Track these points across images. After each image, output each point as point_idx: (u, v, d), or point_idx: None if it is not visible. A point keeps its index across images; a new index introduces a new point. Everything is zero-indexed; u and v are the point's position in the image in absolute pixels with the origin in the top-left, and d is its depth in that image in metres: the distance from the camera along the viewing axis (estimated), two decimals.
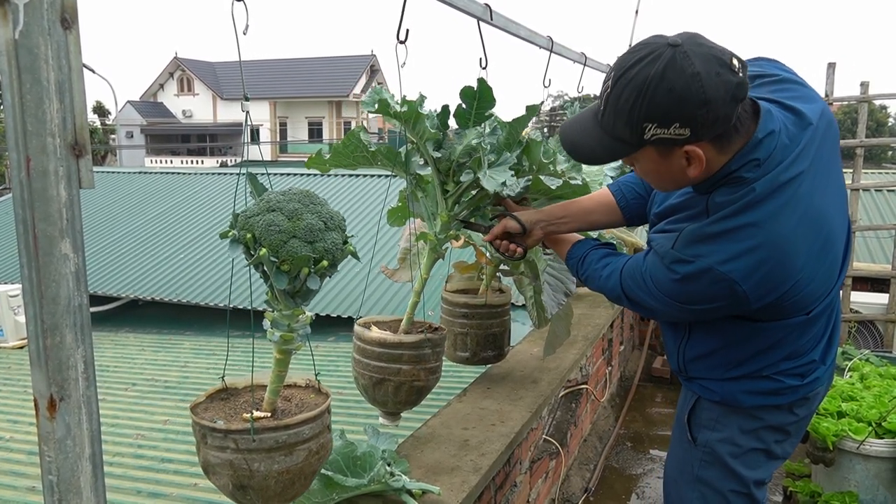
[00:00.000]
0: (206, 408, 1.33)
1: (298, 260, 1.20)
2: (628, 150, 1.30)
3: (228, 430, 1.22)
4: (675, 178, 1.33)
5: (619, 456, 3.73)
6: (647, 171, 1.38)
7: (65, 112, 0.78)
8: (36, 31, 0.74)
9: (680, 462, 1.64)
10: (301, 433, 1.25)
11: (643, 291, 1.45)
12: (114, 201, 8.31)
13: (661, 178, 1.37)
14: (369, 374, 1.80)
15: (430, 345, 1.80)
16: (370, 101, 1.67)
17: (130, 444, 2.78)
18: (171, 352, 4.74)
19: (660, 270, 1.39)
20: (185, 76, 39.12)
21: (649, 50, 1.20)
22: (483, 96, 1.71)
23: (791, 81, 1.44)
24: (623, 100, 1.22)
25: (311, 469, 1.30)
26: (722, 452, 1.54)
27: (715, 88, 1.17)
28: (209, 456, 1.24)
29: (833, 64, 4.56)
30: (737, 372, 1.49)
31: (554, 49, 2.84)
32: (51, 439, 0.81)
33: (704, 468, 1.57)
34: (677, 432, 1.66)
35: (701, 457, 1.57)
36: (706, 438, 1.56)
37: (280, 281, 1.21)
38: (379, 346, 1.78)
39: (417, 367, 1.78)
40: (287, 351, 1.31)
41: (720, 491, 1.56)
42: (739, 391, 1.50)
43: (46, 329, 0.79)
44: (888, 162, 30.07)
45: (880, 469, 2.88)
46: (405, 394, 1.81)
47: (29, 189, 0.76)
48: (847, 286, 4.78)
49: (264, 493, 1.25)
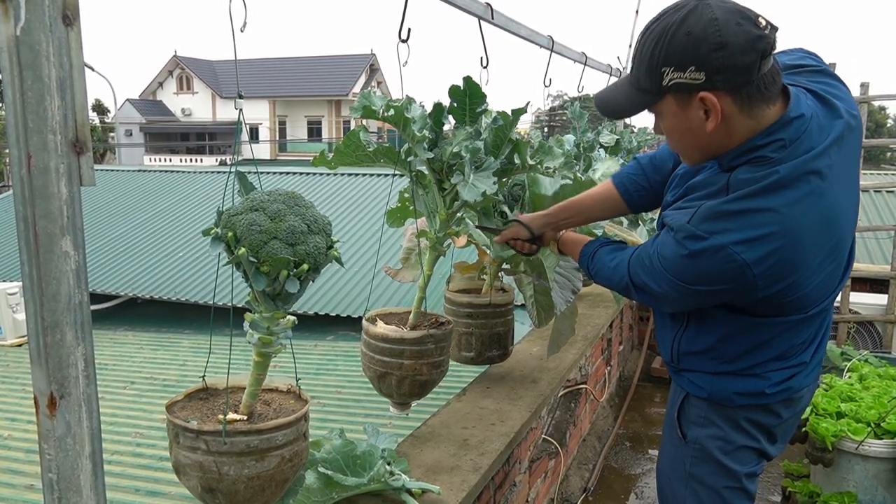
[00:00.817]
0: (183, 406, 1.31)
1: (277, 262, 1.18)
2: (650, 99, 1.32)
3: (200, 431, 1.20)
4: (696, 135, 1.31)
5: (618, 455, 3.73)
6: (670, 128, 1.36)
7: (66, 109, 0.77)
8: (37, 28, 0.74)
9: (672, 460, 1.63)
10: (274, 439, 1.23)
11: (649, 275, 1.44)
12: (113, 199, 8.30)
13: (683, 136, 1.35)
14: (374, 367, 1.85)
15: (432, 340, 1.82)
16: (357, 106, 1.68)
17: (129, 443, 2.78)
18: (169, 350, 4.74)
19: (670, 247, 1.37)
20: (184, 74, 39.08)
21: (676, 5, 1.26)
22: (473, 93, 1.71)
23: (829, 75, 1.44)
24: (645, 48, 1.27)
25: (283, 477, 1.26)
26: (712, 448, 1.53)
27: (733, 35, 1.19)
28: (180, 456, 1.23)
29: (833, 65, 4.57)
30: (728, 367, 1.48)
31: (554, 49, 2.84)
32: (51, 437, 0.81)
33: (696, 465, 1.56)
34: (668, 430, 1.66)
35: (692, 454, 1.56)
36: (696, 435, 1.55)
37: (259, 282, 1.19)
38: (382, 341, 1.82)
39: (420, 362, 1.82)
40: (266, 354, 1.28)
41: (713, 487, 1.55)
42: (727, 389, 1.49)
43: (47, 327, 0.79)
44: (887, 163, 30.10)
45: (879, 469, 2.89)
46: (408, 387, 1.85)
47: (30, 186, 0.76)
48: (846, 287, 4.79)
49: (233, 497, 1.22)
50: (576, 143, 2.79)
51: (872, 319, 4.72)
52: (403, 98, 1.66)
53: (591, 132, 3.19)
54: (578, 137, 2.94)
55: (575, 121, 3.11)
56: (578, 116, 3.12)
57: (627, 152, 3.45)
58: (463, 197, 1.69)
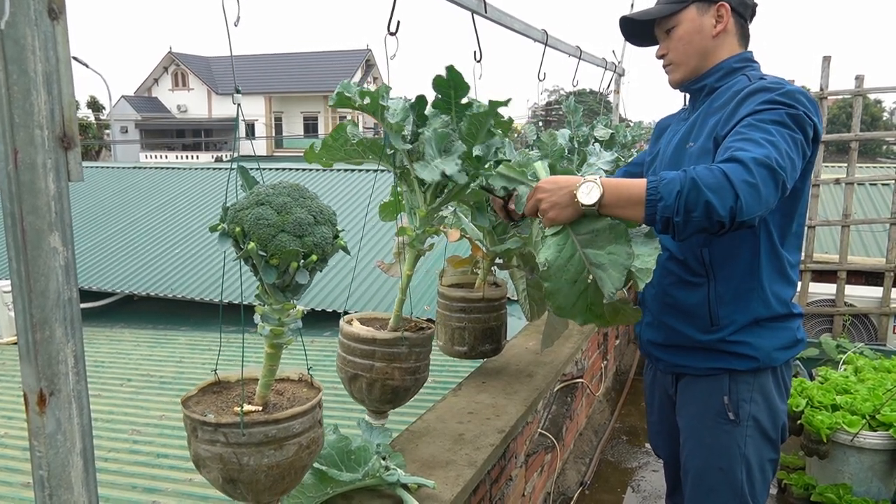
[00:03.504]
0: (198, 401, 1.33)
1: (287, 254, 1.19)
2: (678, 6, 1.66)
3: (218, 424, 1.21)
4: (703, 38, 1.65)
5: (614, 449, 3.74)
6: (682, 34, 1.67)
7: (53, 104, 0.77)
8: (22, 22, 0.73)
9: (721, 448, 1.64)
10: (291, 427, 1.25)
11: (766, 135, 1.36)
12: (108, 197, 8.28)
13: (692, 39, 1.66)
14: (346, 368, 1.77)
15: (406, 344, 1.74)
16: (334, 96, 1.64)
17: (126, 440, 2.77)
18: (166, 347, 4.73)
19: (767, 102, 1.45)
20: (179, 71, 38.92)
21: None
22: (457, 84, 1.67)
23: None
24: None
25: (302, 464, 1.29)
26: (763, 420, 1.61)
27: None
28: (199, 449, 1.24)
29: (828, 57, 4.56)
30: (768, 310, 1.59)
31: (549, 43, 2.84)
32: (41, 434, 0.80)
33: (751, 443, 1.61)
34: (707, 422, 1.66)
35: (746, 433, 1.61)
36: (748, 412, 1.61)
37: (269, 275, 1.20)
38: (354, 340, 1.74)
39: (391, 366, 1.73)
40: (277, 345, 1.30)
41: (760, 463, 1.62)
42: (772, 347, 1.60)
43: (36, 323, 0.78)
44: (882, 156, 30.13)
45: (874, 461, 2.90)
46: (379, 392, 1.75)
47: (17, 182, 0.75)
48: (841, 279, 4.80)
49: (254, 487, 1.24)
50: (570, 137, 2.79)
51: (867, 312, 4.73)
52: (380, 86, 1.63)
53: (585, 126, 3.18)
54: (573, 131, 2.94)
55: (570, 115, 3.10)
56: (573, 110, 3.11)
57: (622, 146, 3.45)
58: (420, 175, 1.59)
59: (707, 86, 1.67)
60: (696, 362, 1.67)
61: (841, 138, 5.09)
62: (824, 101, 4.77)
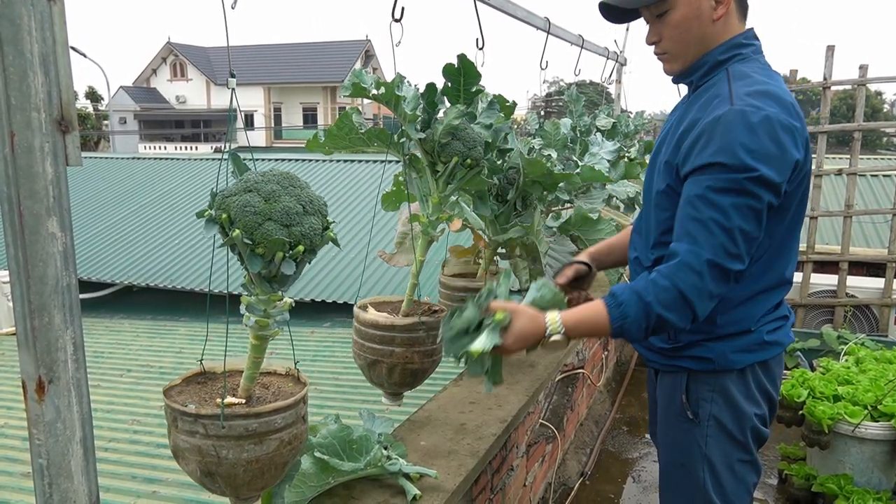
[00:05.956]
0: (181, 391, 1.31)
1: (273, 243, 1.16)
2: None
3: (198, 415, 1.19)
4: (702, 23, 1.48)
5: (615, 440, 3.74)
6: (679, 19, 1.49)
7: (50, 86, 0.75)
8: (18, 2, 0.72)
9: (681, 446, 1.62)
10: (273, 422, 1.22)
11: (718, 214, 1.35)
12: (107, 187, 8.25)
13: (689, 25, 1.49)
14: (364, 355, 1.80)
15: (424, 328, 1.77)
16: (348, 84, 1.64)
17: (126, 430, 2.77)
18: (166, 338, 4.72)
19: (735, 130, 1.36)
20: (178, 61, 38.76)
21: None
22: (467, 72, 1.67)
23: None
24: None
25: (283, 460, 1.26)
26: (726, 421, 1.55)
27: None
28: (179, 440, 1.22)
29: (832, 47, 4.54)
30: (723, 328, 1.51)
31: (551, 31, 2.81)
32: (40, 422, 0.79)
33: (712, 443, 1.57)
34: (670, 418, 1.64)
35: (707, 432, 1.57)
36: (708, 411, 1.56)
37: (254, 264, 1.17)
38: (372, 327, 1.77)
39: (411, 350, 1.77)
40: (263, 337, 1.27)
41: (728, 464, 1.57)
42: (729, 350, 1.52)
43: (34, 310, 0.77)
44: (883, 148, 30.08)
45: (875, 452, 2.90)
46: (399, 376, 1.79)
47: (14, 165, 0.74)
48: (843, 270, 4.79)
49: (232, 481, 1.21)
50: (572, 126, 2.77)
51: (869, 303, 4.73)
52: (395, 76, 1.63)
53: (587, 116, 3.16)
54: (575, 121, 2.92)
55: (571, 104, 3.08)
56: (575, 100, 3.09)
57: (624, 136, 3.43)
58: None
59: (693, 82, 1.56)
60: (659, 359, 1.65)
61: (844, 128, 5.07)
62: (827, 92, 4.75)
